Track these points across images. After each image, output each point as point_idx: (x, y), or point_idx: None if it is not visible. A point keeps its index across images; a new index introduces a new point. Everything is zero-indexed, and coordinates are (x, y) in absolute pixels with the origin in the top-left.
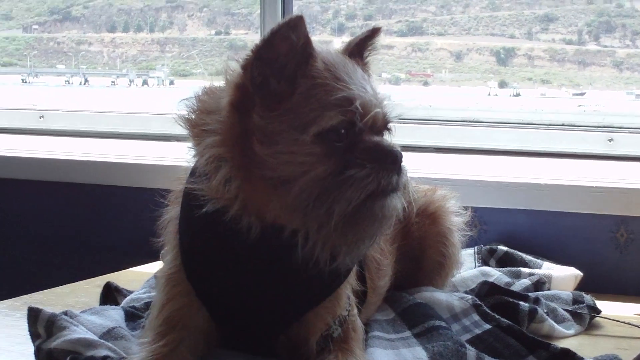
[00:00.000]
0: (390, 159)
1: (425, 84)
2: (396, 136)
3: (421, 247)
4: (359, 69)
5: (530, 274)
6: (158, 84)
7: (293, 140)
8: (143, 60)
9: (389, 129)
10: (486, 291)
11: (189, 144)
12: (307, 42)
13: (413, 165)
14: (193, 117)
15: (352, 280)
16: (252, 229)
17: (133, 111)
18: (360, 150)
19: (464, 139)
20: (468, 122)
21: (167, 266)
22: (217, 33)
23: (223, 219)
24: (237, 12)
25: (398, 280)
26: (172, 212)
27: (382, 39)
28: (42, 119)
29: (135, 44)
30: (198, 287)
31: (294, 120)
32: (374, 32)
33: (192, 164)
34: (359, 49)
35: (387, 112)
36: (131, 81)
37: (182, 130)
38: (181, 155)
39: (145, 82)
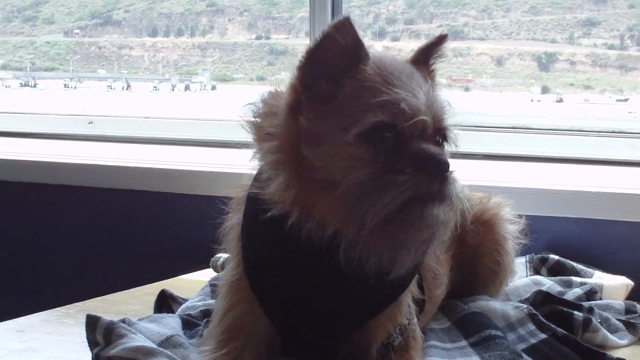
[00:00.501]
0: (433, 166)
1: (467, 89)
2: (458, 145)
3: (476, 255)
4: (419, 75)
5: (582, 283)
6: (201, 89)
7: (337, 141)
8: (184, 65)
9: (445, 138)
10: (540, 300)
11: (253, 149)
12: (357, 44)
13: (462, 172)
14: (258, 120)
15: (413, 288)
16: (314, 236)
17: (180, 117)
18: (404, 155)
19: (512, 146)
20: (516, 128)
21: (229, 274)
22: (258, 37)
23: (285, 225)
24: (277, 16)
25: (452, 289)
26: (233, 220)
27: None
28: (91, 124)
29: (176, 49)
30: (260, 294)
31: (338, 122)
32: (440, 40)
33: (256, 169)
34: (425, 56)
35: (440, 119)
36: (174, 86)
37: (230, 136)
38: (229, 162)
39: (187, 87)
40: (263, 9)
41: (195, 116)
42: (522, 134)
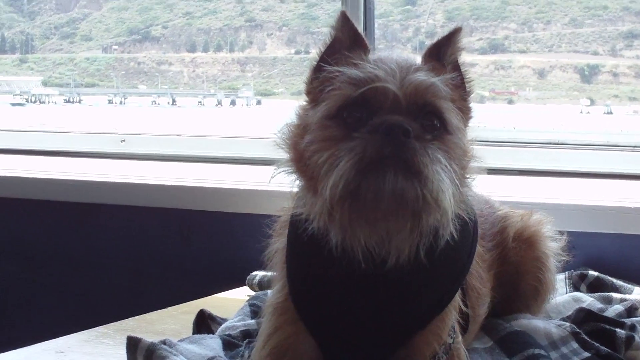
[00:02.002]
0: (385, 129)
1: (510, 102)
2: (481, 158)
3: (518, 272)
4: (412, 62)
5: (622, 300)
6: (247, 104)
7: (314, 128)
8: (224, 80)
9: (437, 116)
10: (582, 318)
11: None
12: (355, 35)
13: (497, 188)
14: (289, 138)
15: (456, 304)
16: (351, 251)
17: (216, 134)
18: (365, 128)
19: (549, 161)
20: (553, 144)
21: (274, 296)
22: (297, 52)
23: (325, 242)
24: (316, 31)
25: (493, 307)
26: (277, 243)
27: (464, 44)
28: (123, 142)
29: (216, 64)
30: (305, 314)
31: (317, 110)
32: (453, 33)
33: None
34: (437, 50)
35: (419, 94)
36: (219, 101)
37: (267, 154)
38: (266, 179)
39: (233, 102)
40: (302, 23)
41: (235, 133)
42: (558, 150)
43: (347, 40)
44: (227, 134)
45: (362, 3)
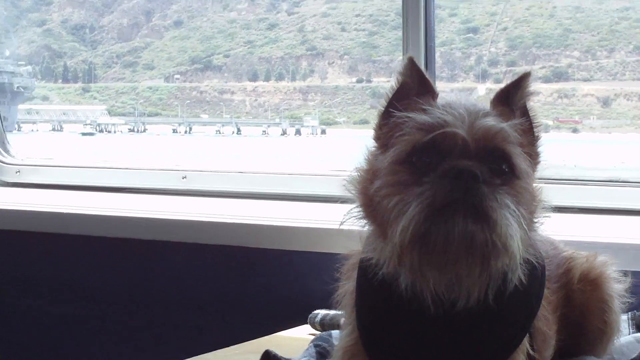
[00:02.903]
0: (454, 174)
1: (575, 130)
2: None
3: (583, 314)
4: (481, 107)
5: None
6: (312, 133)
7: (383, 174)
8: (286, 108)
9: (506, 161)
10: None
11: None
12: (422, 80)
13: (558, 227)
14: (358, 183)
15: (524, 348)
16: (420, 295)
17: (277, 171)
18: (435, 173)
19: (610, 199)
20: (614, 182)
21: (344, 339)
22: (359, 81)
23: (395, 286)
24: (377, 60)
25: (558, 349)
26: (346, 287)
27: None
28: (184, 179)
29: (278, 93)
30: (375, 357)
31: (387, 155)
32: (522, 79)
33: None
34: (506, 95)
35: (488, 138)
36: (284, 130)
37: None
38: (329, 217)
39: (298, 132)
40: (363, 52)
41: (293, 170)
42: (618, 187)
43: (415, 85)
44: (287, 170)
45: (423, 31)
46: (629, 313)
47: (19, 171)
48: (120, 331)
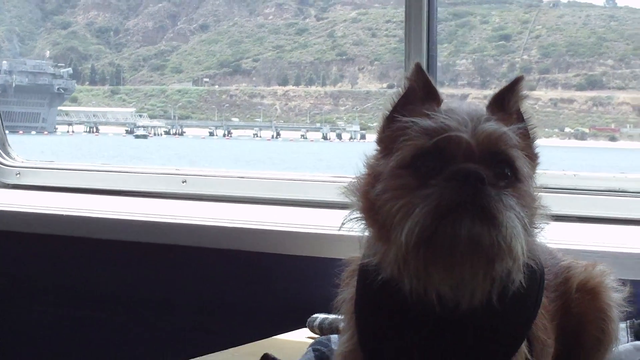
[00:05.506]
0: (461, 176)
1: (612, 139)
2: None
3: (581, 323)
4: (481, 111)
5: None
6: (353, 138)
7: (385, 177)
8: (316, 113)
9: (509, 165)
10: None
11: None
12: (428, 86)
13: (556, 235)
14: (359, 187)
15: (523, 354)
16: (424, 296)
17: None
18: (441, 176)
19: (608, 209)
20: (614, 191)
21: (343, 345)
22: (390, 86)
23: (397, 289)
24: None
25: (556, 358)
26: (345, 294)
27: (532, 92)
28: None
29: (308, 97)
30: None
31: (389, 159)
32: (515, 83)
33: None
34: (500, 99)
35: (492, 142)
36: (325, 135)
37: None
38: (328, 223)
39: (339, 136)
40: (394, 58)
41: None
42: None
43: (421, 92)
44: (293, 177)
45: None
46: (627, 321)
47: (19, 173)
48: (119, 333)
